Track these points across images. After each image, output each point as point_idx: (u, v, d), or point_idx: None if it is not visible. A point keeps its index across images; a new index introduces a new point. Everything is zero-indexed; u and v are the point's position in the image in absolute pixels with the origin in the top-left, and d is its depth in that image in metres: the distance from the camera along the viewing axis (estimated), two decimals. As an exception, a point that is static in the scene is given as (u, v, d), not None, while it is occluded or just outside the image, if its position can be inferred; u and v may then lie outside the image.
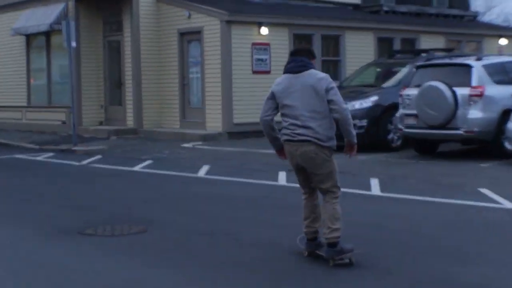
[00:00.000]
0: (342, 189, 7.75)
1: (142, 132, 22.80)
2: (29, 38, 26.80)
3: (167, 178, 14.57)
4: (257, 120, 7.75)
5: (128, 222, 9.87)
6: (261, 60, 21.98)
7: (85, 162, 17.62)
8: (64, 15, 23.97)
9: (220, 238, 8.82)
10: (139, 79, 23.15)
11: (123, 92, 23.87)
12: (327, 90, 7.22)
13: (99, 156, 18.62)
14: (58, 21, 23.88)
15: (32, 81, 27.00)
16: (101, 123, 24.52)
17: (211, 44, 21.74)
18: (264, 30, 21.94)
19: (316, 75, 7.33)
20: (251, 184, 13.19)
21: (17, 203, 12.07)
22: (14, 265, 7.85)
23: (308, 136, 7.30)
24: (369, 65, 20.71)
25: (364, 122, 17.26)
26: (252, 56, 21.77)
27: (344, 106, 7.31)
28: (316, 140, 7.30)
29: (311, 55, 7.55)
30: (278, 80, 7.52)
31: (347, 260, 7.34)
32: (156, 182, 14.25)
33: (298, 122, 7.30)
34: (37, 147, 21.28)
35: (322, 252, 7.57)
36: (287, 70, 7.45)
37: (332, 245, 7.35)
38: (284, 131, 7.46)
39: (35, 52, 27.00)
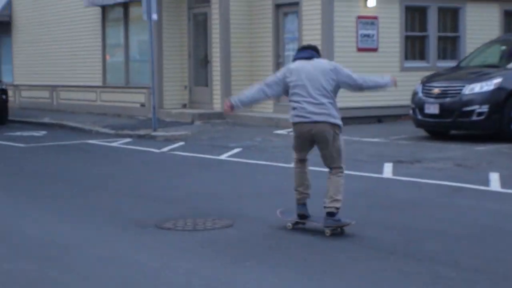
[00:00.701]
0: (457, 184, 7.82)
1: (230, 117, 23.10)
2: (105, 9, 27.45)
3: (257, 168, 14.80)
4: (361, 104, 8.31)
5: (212, 216, 10.12)
6: (368, 36, 21.97)
7: (165, 149, 18.05)
8: (144, -16, 24.48)
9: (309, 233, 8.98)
10: (228, 56, 23.47)
11: (209, 72, 24.24)
12: (337, 71, 9.18)
13: (181, 143, 19.03)
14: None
15: (107, 58, 27.66)
16: (184, 106, 24.97)
17: (310, 17, 21.85)
18: (371, 2, 21.91)
19: (325, 61, 9.45)
20: (356, 177, 13.25)
21: (90, 193, 12.51)
22: (87, 259, 8.20)
23: (321, 115, 9.07)
24: (492, 43, 20.43)
25: (484, 108, 17.09)
26: (357, 31, 21.78)
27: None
28: (329, 118, 9.08)
29: (318, 52, 9.47)
30: (291, 65, 9.40)
31: (338, 230, 9.00)
32: (244, 172, 14.49)
33: (311, 100, 9.10)
34: (112, 132, 21.88)
35: (316, 222, 9.23)
36: (298, 57, 9.40)
37: (331, 214, 9.03)
38: (295, 112, 9.28)
39: (111, 26, 27.65)
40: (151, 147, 18.42)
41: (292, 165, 9.76)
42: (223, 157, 16.47)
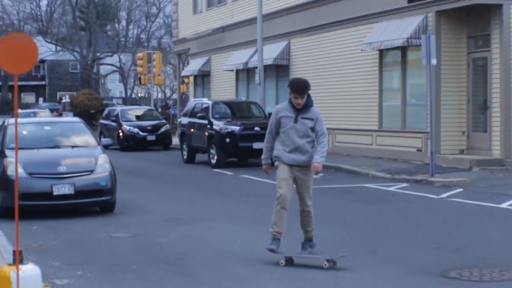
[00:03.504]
0: None
1: (511, 164, 22.59)
2: (382, 53, 27.85)
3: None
4: None
5: (498, 267, 10.01)
6: None
7: (444, 195, 17.99)
8: (423, 29, 24.65)
9: None
10: (509, 102, 23.01)
11: (488, 117, 23.88)
12: None
13: (459, 189, 18.88)
14: (415, 35, 24.63)
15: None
16: (462, 152, 24.72)
17: None
18: None
19: None
20: None
21: (371, 238, 12.74)
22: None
23: None
24: None
25: None
26: None
27: None
28: None
29: None
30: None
31: None
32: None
33: None
34: (388, 176, 22.09)
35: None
36: None
37: None
38: None
39: (388, 70, 27.98)
40: (428, 193, 18.42)
41: None
42: (504, 205, 16.18)
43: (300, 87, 11.00)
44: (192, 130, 29.06)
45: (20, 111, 50.22)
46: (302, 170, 10.92)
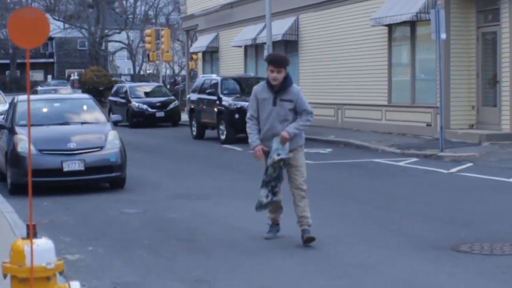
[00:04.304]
0: None
1: (522, 138, 22.56)
2: (391, 28, 27.74)
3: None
4: None
5: (508, 241, 10.01)
6: None
7: (453, 170, 17.97)
8: (432, 3, 24.53)
9: None
10: (518, 76, 22.93)
11: (498, 92, 23.79)
12: None
13: (469, 164, 18.85)
14: (424, 10, 24.51)
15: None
16: (471, 127, 24.67)
17: None
18: None
19: None
20: None
21: (382, 213, 12.76)
22: (386, 280, 8.41)
23: None
24: None
25: None
26: None
27: None
28: None
29: None
30: None
31: None
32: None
33: None
34: (398, 151, 22.06)
35: None
36: None
37: None
38: None
39: (397, 45, 27.89)
40: (438, 168, 18.40)
41: None
42: (515, 180, 16.17)
43: (276, 59, 10.34)
44: (201, 106, 29.07)
45: (39, 88, 49.67)
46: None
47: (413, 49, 26.81)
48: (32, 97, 18.30)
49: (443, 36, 21.31)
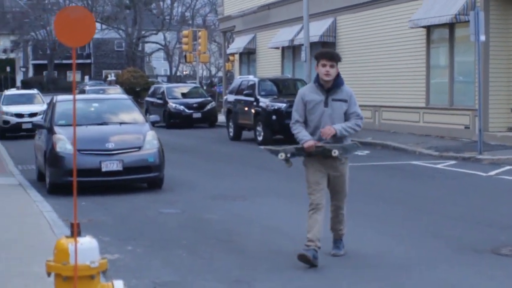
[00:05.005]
0: None
1: (559, 142, 22.33)
2: (429, 30, 27.59)
3: None
4: None
5: (550, 245, 9.93)
6: None
7: (492, 173, 17.83)
8: (471, 5, 24.36)
9: None
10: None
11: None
12: None
13: (508, 167, 18.69)
14: (463, 11, 24.36)
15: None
16: (510, 129, 24.47)
17: None
18: None
19: None
20: None
21: (421, 216, 12.70)
22: (428, 282, 8.37)
23: None
24: None
25: None
26: None
27: None
28: None
29: None
30: None
31: None
32: None
33: None
34: (436, 153, 21.92)
35: None
36: None
37: None
38: None
39: (435, 47, 27.73)
40: (477, 170, 18.27)
41: None
42: (555, 183, 16.01)
43: (328, 51, 9.45)
44: (238, 107, 29.11)
45: (87, 87, 49.60)
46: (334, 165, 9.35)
47: (452, 51, 26.64)
48: (70, 97, 18.44)
49: (482, 38, 21.14)
